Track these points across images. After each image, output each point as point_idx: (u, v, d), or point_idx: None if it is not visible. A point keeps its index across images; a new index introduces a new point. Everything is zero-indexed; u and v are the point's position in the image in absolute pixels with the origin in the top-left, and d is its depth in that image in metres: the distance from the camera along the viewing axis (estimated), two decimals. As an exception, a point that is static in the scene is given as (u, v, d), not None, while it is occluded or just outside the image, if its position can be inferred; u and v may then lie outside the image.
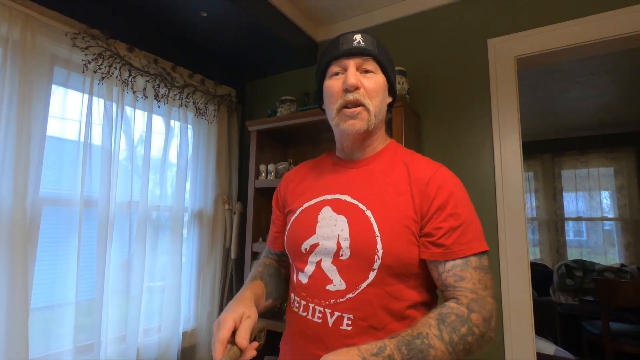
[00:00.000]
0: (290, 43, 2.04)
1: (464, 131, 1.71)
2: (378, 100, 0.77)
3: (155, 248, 1.85)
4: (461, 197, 0.74)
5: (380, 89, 0.77)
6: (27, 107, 1.38)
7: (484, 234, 0.75)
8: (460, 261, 0.70)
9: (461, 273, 0.70)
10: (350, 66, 0.76)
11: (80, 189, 1.53)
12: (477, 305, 0.67)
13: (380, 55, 0.78)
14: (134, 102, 1.76)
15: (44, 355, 1.40)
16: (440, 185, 0.73)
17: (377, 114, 0.77)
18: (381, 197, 0.74)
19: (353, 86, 0.74)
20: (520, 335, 1.47)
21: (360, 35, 0.77)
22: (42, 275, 1.44)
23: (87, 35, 1.56)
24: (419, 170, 0.76)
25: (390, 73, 0.81)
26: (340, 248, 0.73)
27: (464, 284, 0.69)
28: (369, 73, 0.77)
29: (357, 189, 0.78)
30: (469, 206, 0.75)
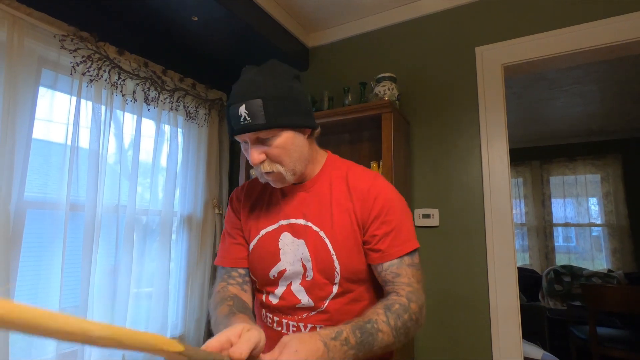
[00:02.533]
0: (282, 48, 2.05)
1: (453, 137, 1.73)
2: (288, 159, 0.76)
3: (143, 253, 1.82)
4: (394, 204, 0.81)
5: (285, 149, 0.75)
6: (12, 109, 1.36)
7: (415, 234, 0.83)
8: (396, 261, 0.78)
9: (397, 270, 0.78)
10: (249, 143, 0.76)
11: (66, 192, 1.50)
12: (414, 295, 0.76)
13: (271, 120, 0.72)
14: (123, 105, 1.74)
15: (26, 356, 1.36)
16: (376, 197, 0.80)
17: (293, 168, 0.78)
18: (329, 217, 0.80)
19: (256, 164, 0.76)
20: (508, 339, 1.48)
21: (244, 107, 0.71)
22: (25, 280, 1.41)
23: (76, 38, 1.54)
24: (358, 183, 0.82)
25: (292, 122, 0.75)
26: (305, 270, 0.80)
27: (401, 279, 0.77)
28: (270, 140, 0.74)
29: (308, 211, 0.82)
30: (401, 210, 0.81)
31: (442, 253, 1.68)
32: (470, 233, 1.63)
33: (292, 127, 0.75)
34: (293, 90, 0.76)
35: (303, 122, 0.77)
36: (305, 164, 0.81)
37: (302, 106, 0.77)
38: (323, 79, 2.21)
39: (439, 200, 1.72)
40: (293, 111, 0.75)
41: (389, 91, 1.71)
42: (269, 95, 0.72)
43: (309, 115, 0.79)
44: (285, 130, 0.75)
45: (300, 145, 0.78)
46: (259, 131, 0.73)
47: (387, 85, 1.73)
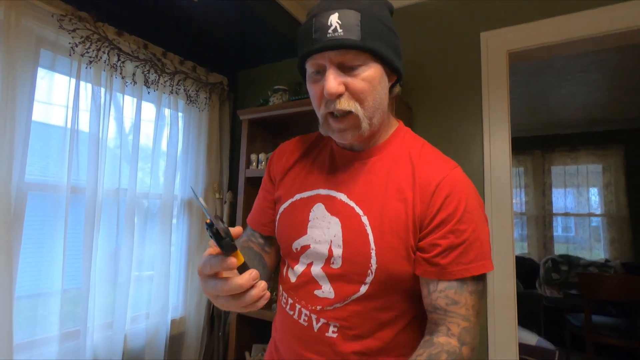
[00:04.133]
0: (284, 31, 2.01)
1: (455, 124, 1.72)
2: (371, 99, 0.61)
3: (144, 236, 1.83)
4: (470, 208, 0.62)
5: (371, 85, 0.60)
6: (11, 91, 1.35)
7: (491, 253, 0.64)
8: (456, 283, 0.61)
9: (455, 296, 0.60)
10: (328, 67, 0.59)
11: (67, 175, 1.50)
12: (469, 335, 0.60)
13: (368, 41, 0.57)
14: (122, 88, 1.73)
15: (29, 340, 1.39)
16: (447, 195, 0.62)
17: (371, 115, 0.62)
18: (380, 202, 0.64)
19: (333, 96, 0.59)
20: (504, 325, 1.50)
21: (336, 16, 0.56)
22: (28, 263, 1.43)
23: (74, 18, 1.52)
24: (427, 172, 0.64)
25: (387, 55, 0.60)
26: (332, 255, 0.65)
27: (457, 309, 0.60)
28: (356, 69, 0.59)
29: (354, 187, 0.67)
30: (478, 219, 0.62)
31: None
32: (470, 221, 1.63)
33: (386, 61, 0.61)
34: (390, 21, 0.63)
35: (395, 62, 0.62)
36: (382, 119, 0.66)
37: (396, 44, 0.63)
38: (325, 64, 2.17)
39: (439, 188, 1.72)
40: (390, 44, 0.61)
41: (391, 77, 1.68)
42: (369, 12, 0.58)
43: (399, 59, 0.64)
44: (378, 62, 0.60)
45: (384, 91, 0.63)
46: (350, 50, 0.57)
47: (390, 71, 1.70)
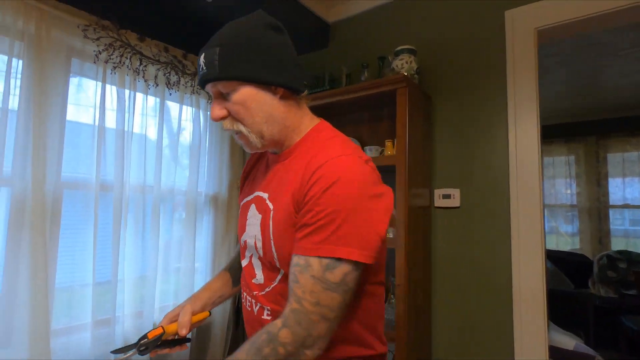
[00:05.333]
0: (300, 27, 2.00)
1: (478, 112, 1.61)
2: (250, 116, 0.68)
3: (170, 231, 1.93)
4: (336, 192, 0.59)
5: (244, 106, 0.67)
6: (45, 97, 1.46)
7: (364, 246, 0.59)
8: (302, 261, 0.60)
9: (298, 275, 0.60)
10: (213, 97, 0.71)
11: (95, 173, 1.61)
12: (295, 320, 0.58)
13: (227, 71, 0.65)
14: (145, 90, 1.81)
15: (66, 326, 1.53)
16: (319, 177, 0.61)
17: (259, 130, 0.69)
18: (281, 194, 0.69)
19: (215, 120, 0.70)
20: (531, 325, 1.40)
21: (202, 57, 0.67)
22: (65, 257, 1.55)
23: (98, 27, 1.62)
24: (315, 160, 0.65)
25: (252, 75, 0.66)
26: (257, 247, 0.73)
27: (296, 288, 0.60)
28: (229, 95, 0.68)
29: (272, 187, 0.74)
30: (344, 205, 0.59)
31: (462, 236, 1.60)
32: (494, 214, 1.53)
33: (251, 80, 0.66)
34: (263, 40, 0.67)
35: (269, 79, 0.67)
36: (278, 128, 0.70)
37: (273, 59, 0.67)
38: (343, 56, 2.13)
39: (461, 179, 1.63)
40: (257, 63, 0.66)
41: (406, 65, 1.61)
42: (227, 43, 0.65)
43: (282, 72, 0.68)
44: (244, 84, 0.66)
45: (267, 105, 0.68)
46: (216, 82, 0.66)
47: (405, 58, 1.63)
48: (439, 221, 1.67)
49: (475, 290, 1.55)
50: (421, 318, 1.53)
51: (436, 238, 1.67)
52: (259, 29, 0.68)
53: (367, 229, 0.60)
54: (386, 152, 1.62)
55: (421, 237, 1.57)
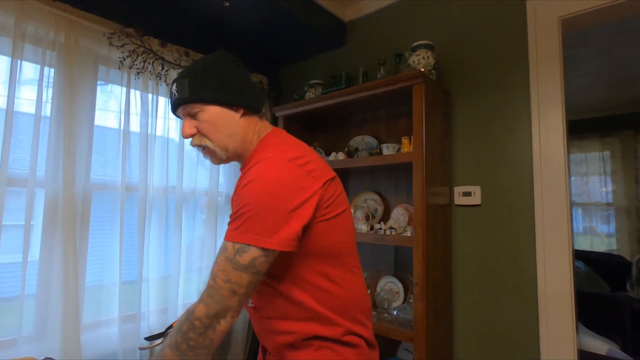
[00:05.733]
0: (316, 27, 2.01)
1: (499, 106, 1.56)
2: (216, 133, 0.80)
3: (192, 231, 1.98)
4: (250, 188, 0.69)
5: (212, 123, 0.80)
6: (74, 104, 1.54)
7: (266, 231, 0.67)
8: (222, 245, 0.70)
9: (218, 256, 0.70)
10: (183, 118, 0.83)
11: (121, 175, 1.68)
12: (208, 294, 0.67)
13: (195, 95, 0.79)
14: (167, 93, 1.88)
15: (95, 321, 1.60)
16: (244, 178, 0.72)
17: (224, 144, 0.81)
18: None
19: (186, 138, 0.83)
20: (558, 330, 1.33)
21: (175, 85, 0.81)
22: (94, 258, 1.63)
23: (122, 34, 1.69)
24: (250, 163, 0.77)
25: (217, 98, 0.80)
26: None
27: (213, 266, 0.69)
28: (197, 115, 0.80)
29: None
30: (254, 199, 0.68)
31: (483, 234, 1.55)
32: (517, 212, 1.47)
33: (218, 102, 0.80)
34: (225, 71, 0.82)
35: (232, 100, 0.81)
36: (239, 143, 0.83)
37: (233, 85, 0.81)
38: (360, 54, 2.12)
39: (481, 176, 1.58)
40: (221, 88, 0.80)
41: (423, 60, 1.58)
42: (196, 73, 0.80)
43: (242, 95, 0.82)
44: (211, 105, 0.80)
45: (231, 123, 0.81)
46: (186, 105, 0.79)
47: (422, 54, 1.60)
48: (459, 219, 1.63)
49: (498, 290, 1.50)
50: (441, 318, 1.50)
51: (456, 237, 1.63)
52: (221, 63, 0.83)
53: (280, 220, 0.68)
54: (403, 149, 1.59)
55: (440, 235, 1.53)
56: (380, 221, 1.84)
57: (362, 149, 1.85)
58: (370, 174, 1.96)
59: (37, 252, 1.45)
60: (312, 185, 0.72)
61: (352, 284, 0.80)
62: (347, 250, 0.80)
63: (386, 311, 1.65)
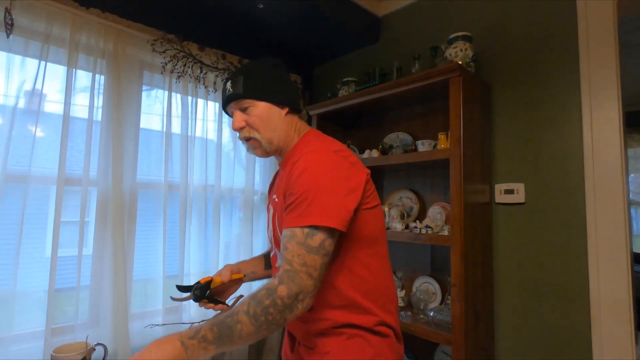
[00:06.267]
0: (349, 24, 2.00)
1: (545, 98, 1.46)
2: (264, 126, 0.88)
3: (230, 229, 2.05)
4: (306, 174, 0.75)
5: (261, 118, 0.88)
6: (122, 108, 1.65)
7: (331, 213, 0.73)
8: (289, 232, 0.74)
9: (287, 243, 0.73)
10: (233, 111, 0.91)
11: (164, 174, 1.78)
12: (288, 278, 0.70)
13: (249, 91, 0.87)
14: (205, 95, 1.95)
15: (141, 312, 1.71)
16: (295, 169, 0.78)
17: (269, 137, 0.89)
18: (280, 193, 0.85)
19: (237, 130, 0.90)
20: (615, 339, 1.23)
21: (230, 83, 0.90)
22: (141, 253, 1.73)
23: (164, 41, 1.78)
24: (295, 158, 0.83)
25: (267, 96, 0.89)
26: (270, 238, 0.92)
27: (286, 254, 0.72)
28: (248, 109, 0.88)
29: (276, 189, 0.91)
30: (313, 181, 0.75)
31: (528, 234, 1.46)
32: (566, 211, 1.37)
33: (267, 99, 0.88)
34: (273, 74, 0.92)
35: (279, 99, 0.90)
36: (282, 137, 0.90)
37: (280, 86, 0.91)
38: (394, 49, 2.08)
39: (526, 173, 1.49)
40: (270, 88, 0.89)
41: (461, 52, 1.52)
42: (250, 73, 0.90)
43: (287, 96, 0.92)
44: (261, 101, 0.88)
45: (277, 119, 0.90)
46: (240, 100, 0.88)
47: (459, 46, 1.54)
48: (501, 218, 1.55)
49: (545, 295, 1.41)
50: (482, 322, 1.44)
51: (498, 236, 1.55)
52: (270, 66, 0.93)
53: (334, 203, 0.74)
54: (439, 145, 1.54)
55: (480, 235, 1.47)
56: (415, 220, 1.79)
57: (397, 146, 1.81)
58: (405, 171, 1.92)
59: (90, 247, 1.57)
60: (357, 175, 0.79)
61: (385, 273, 0.85)
62: (382, 240, 0.86)
63: (422, 312, 1.60)
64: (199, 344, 0.67)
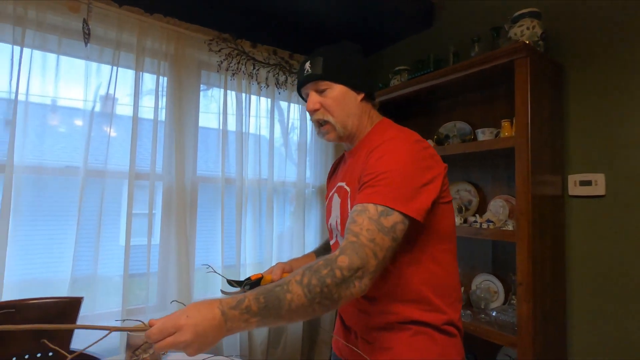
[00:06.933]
0: (402, 9, 1.92)
1: (626, 77, 1.29)
2: (340, 110, 0.85)
3: (283, 221, 2.10)
4: (386, 160, 0.73)
5: (337, 101, 0.85)
6: (183, 109, 1.75)
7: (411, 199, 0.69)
8: (360, 207, 0.69)
9: (356, 217, 0.68)
10: (309, 92, 0.87)
11: (221, 169, 1.86)
12: (352, 249, 0.64)
13: (328, 73, 0.84)
14: (258, 91, 2.01)
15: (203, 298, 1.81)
16: (375, 153, 0.75)
17: (343, 122, 0.86)
18: (354, 179, 0.82)
19: (311, 111, 0.86)
20: None
21: (309, 63, 0.87)
22: (201, 244, 1.83)
23: (219, 40, 1.85)
24: (374, 144, 0.79)
25: (345, 79, 0.85)
26: (337, 226, 0.87)
27: (353, 226, 0.67)
28: (325, 91, 0.85)
29: (347, 175, 0.88)
30: (390, 167, 0.71)
31: (608, 230, 1.31)
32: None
33: (345, 83, 0.85)
34: (352, 58, 0.88)
35: (357, 84, 0.86)
36: (356, 123, 0.87)
37: (358, 71, 0.87)
38: (450, 33, 1.96)
39: (605, 162, 1.33)
40: (349, 72, 0.86)
41: (528, 31, 1.39)
42: (329, 54, 0.87)
43: (364, 81, 0.88)
44: (339, 84, 0.85)
45: (353, 104, 0.87)
46: (317, 81, 0.85)
47: (526, 23, 1.41)
48: (575, 213, 1.40)
49: (627, 297, 1.25)
50: (551, 324, 1.32)
51: (572, 232, 1.41)
52: (349, 50, 0.90)
53: (414, 190, 0.70)
54: (503, 133, 1.43)
55: (550, 230, 1.34)
56: (475, 214, 1.69)
57: (454, 136, 1.71)
58: (463, 162, 1.81)
59: (158, 236, 1.70)
60: (437, 167, 0.76)
61: (455, 271, 0.82)
62: (454, 237, 0.83)
63: (483, 311, 1.51)
64: (241, 316, 0.58)
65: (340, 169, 0.99)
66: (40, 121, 1.48)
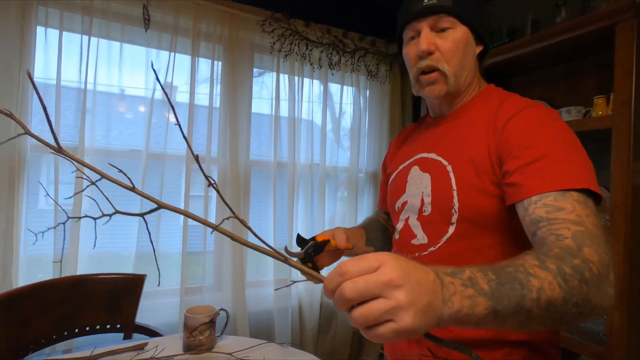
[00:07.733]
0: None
1: None
2: (457, 59, 0.70)
3: (334, 206, 2.05)
4: (543, 127, 0.60)
5: (458, 46, 0.69)
6: (237, 95, 1.75)
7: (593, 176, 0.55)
8: (554, 193, 0.53)
9: (557, 203, 0.52)
10: (423, 29, 0.70)
11: (274, 154, 1.85)
12: (590, 239, 0.47)
13: (459, 7, 0.68)
14: (311, 74, 1.94)
15: (255, 280, 1.84)
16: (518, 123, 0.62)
17: (457, 73, 0.70)
18: (461, 149, 0.69)
19: (425, 52, 0.69)
20: None
21: None
22: (253, 224, 1.85)
23: (272, 20, 1.80)
24: (504, 113, 0.66)
25: (473, 21, 0.70)
26: (423, 204, 0.73)
27: (564, 215, 0.51)
28: (445, 31, 0.69)
29: (442, 145, 0.74)
30: (557, 136, 0.59)
31: None
32: None
33: (472, 26, 0.71)
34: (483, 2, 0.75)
35: (481, 30, 0.72)
36: (469, 80, 0.73)
37: (484, 18, 0.73)
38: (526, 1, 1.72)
39: None
40: (478, 14, 0.71)
41: (632, -12, 1.15)
42: None
43: (487, 32, 0.74)
44: (464, 27, 0.70)
45: (470, 55, 0.72)
46: (441, 15, 0.68)
47: (630, -21, 1.16)
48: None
49: None
50: (649, 338, 1.12)
51: (680, 231, 1.17)
52: None
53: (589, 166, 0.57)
54: (596, 112, 1.22)
55: (652, 228, 1.13)
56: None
57: (529, 117, 1.51)
58: (539, 147, 1.60)
59: (213, 217, 1.74)
60: None
61: None
62: None
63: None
64: (464, 288, 0.38)
65: (417, 140, 0.84)
66: (106, 108, 1.56)
